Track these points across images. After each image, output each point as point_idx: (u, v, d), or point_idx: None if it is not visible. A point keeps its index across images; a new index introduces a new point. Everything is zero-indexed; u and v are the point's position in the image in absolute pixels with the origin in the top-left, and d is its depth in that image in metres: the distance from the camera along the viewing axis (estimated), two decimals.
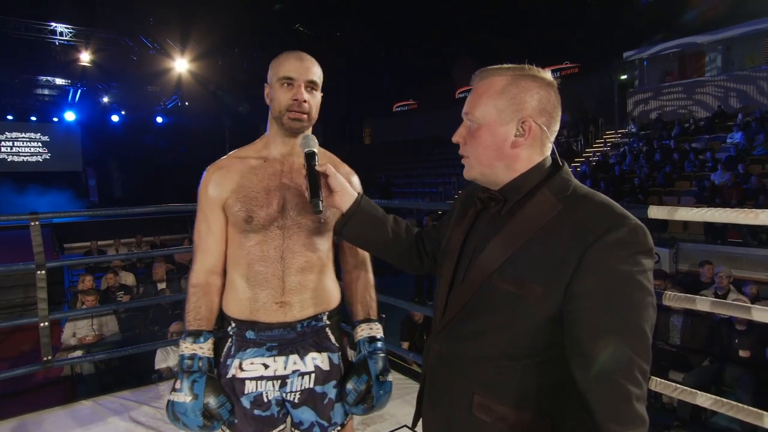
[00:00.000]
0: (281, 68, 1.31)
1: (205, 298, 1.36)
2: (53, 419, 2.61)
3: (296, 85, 1.30)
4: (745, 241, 8.90)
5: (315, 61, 1.35)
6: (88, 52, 17.05)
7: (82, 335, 5.29)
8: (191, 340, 1.31)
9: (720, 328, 4.48)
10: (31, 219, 2.57)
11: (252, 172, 1.34)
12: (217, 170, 1.36)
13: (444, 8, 18.14)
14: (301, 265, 1.34)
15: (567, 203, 0.90)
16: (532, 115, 0.93)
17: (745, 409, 1.45)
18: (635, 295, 0.82)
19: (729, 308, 1.60)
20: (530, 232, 0.90)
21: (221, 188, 1.34)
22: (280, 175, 1.35)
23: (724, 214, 1.43)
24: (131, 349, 3.19)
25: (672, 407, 4.41)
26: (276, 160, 1.37)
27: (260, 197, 1.31)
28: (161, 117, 20.83)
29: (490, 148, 0.95)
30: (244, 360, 1.33)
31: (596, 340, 0.81)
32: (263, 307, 1.32)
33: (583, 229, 0.85)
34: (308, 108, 1.32)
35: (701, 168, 11.84)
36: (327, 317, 1.40)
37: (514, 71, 0.95)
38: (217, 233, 1.36)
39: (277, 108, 1.32)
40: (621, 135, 16.67)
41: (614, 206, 0.88)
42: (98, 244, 10.23)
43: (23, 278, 6.34)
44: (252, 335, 1.33)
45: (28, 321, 2.75)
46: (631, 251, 0.82)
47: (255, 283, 1.32)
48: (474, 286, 0.95)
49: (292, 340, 1.34)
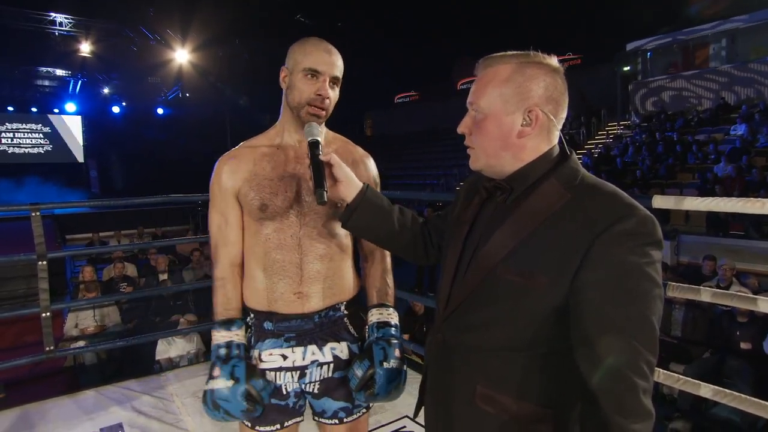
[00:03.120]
0: (308, 58, 1.25)
1: (234, 289, 1.35)
2: (56, 408, 2.62)
3: (321, 80, 1.25)
4: (747, 233, 8.88)
5: (339, 54, 1.31)
6: (88, 42, 16.97)
7: (85, 326, 5.31)
8: (225, 329, 1.30)
9: (721, 320, 4.49)
10: (32, 210, 2.57)
11: (265, 159, 1.32)
12: (229, 160, 1.34)
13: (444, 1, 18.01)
14: (320, 252, 1.32)
15: (575, 193, 0.88)
16: (539, 104, 0.91)
17: (748, 399, 1.45)
18: (643, 287, 0.80)
19: (733, 299, 1.60)
20: (537, 222, 0.88)
21: (234, 178, 1.32)
22: (295, 162, 1.33)
23: (729, 204, 1.42)
24: (133, 339, 3.20)
25: (672, 398, 4.42)
26: (290, 147, 1.34)
27: (274, 184, 1.29)
28: (162, 108, 20.79)
29: (497, 138, 0.93)
30: (263, 351, 1.33)
31: (603, 332, 0.80)
32: (281, 297, 1.31)
33: (591, 220, 0.83)
34: (329, 104, 1.29)
35: (704, 160, 11.80)
36: (345, 307, 1.38)
37: (519, 58, 0.93)
38: (234, 224, 1.35)
39: (296, 98, 1.27)
40: (624, 127, 16.60)
41: (623, 196, 0.86)
42: (100, 235, 10.25)
43: (25, 269, 6.36)
44: (270, 326, 1.32)
45: (30, 311, 2.76)
46: (640, 242, 0.81)
47: (272, 272, 1.31)
48: (478, 277, 0.93)
49: (310, 330, 1.33)
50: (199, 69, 19.11)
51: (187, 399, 2.74)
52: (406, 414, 2.47)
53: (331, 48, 1.29)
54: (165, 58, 18.55)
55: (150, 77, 19.73)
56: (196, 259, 6.98)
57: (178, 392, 2.82)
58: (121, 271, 6.62)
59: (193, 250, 7.18)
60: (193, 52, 18.36)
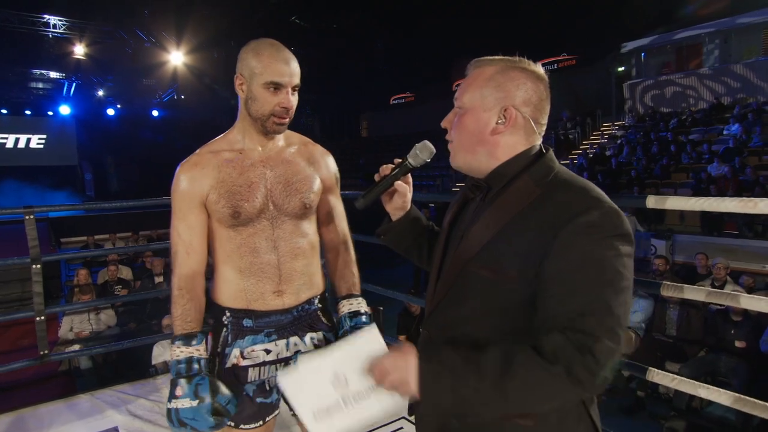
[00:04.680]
0: (267, 71, 1.24)
1: (193, 300, 1.31)
2: (51, 413, 2.60)
3: (284, 92, 1.26)
4: (741, 232, 8.93)
5: (295, 58, 1.29)
6: (82, 44, 16.88)
7: (80, 330, 5.29)
8: (184, 344, 1.26)
9: (715, 319, 4.51)
10: (26, 213, 2.55)
11: (229, 165, 1.32)
12: (192, 167, 1.32)
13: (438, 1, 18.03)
14: (294, 252, 1.35)
15: (545, 189, 0.89)
16: (516, 105, 0.93)
17: (742, 398, 1.46)
18: (606, 277, 0.81)
19: (726, 298, 1.61)
20: (507, 218, 0.90)
21: (198, 185, 1.30)
22: (261, 165, 1.33)
23: (723, 203, 1.43)
24: (128, 343, 3.18)
25: (668, 398, 4.44)
26: (253, 150, 1.35)
27: (243, 191, 1.30)
28: (157, 110, 20.70)
29: (472, 132, 0.96)
30: (244, 348, 1.34)
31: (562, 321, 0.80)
32: (261, 297, 1.33)
33: (557, 213, 0.85)
34: (292, 112, 1.30)
35: (698, 160, 11.86)
36: (318, 300, 1.44)
37: (506, 62, 0.96)
38: (199, 232, 1.33)
39: (259, 110, 1.28)
40: (618, 127, 16.65)
41: (591, 190, 0.87)
42: (95, 238, 10.19)
43: (20, 273, 6.32)
44: (249, 323, 1.34)
45: (24, 315, 2.74)
46: (604, 234, 0.82)
47: (250, 273, 1.32)
48: (453, 274, 0.97)
49: (288, 324, 1.37)
50: (194, 71, 19.05)
51: None
52: (403, 415, 2.47)
53: (287, 56, 1.27)
54: (160, 60, 18.47)
55: (145, 79, 19.64)
56: None
57: None
58: (116, 274, 6.59)
59: None
60: (188, 54, 18.29)
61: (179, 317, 1.30)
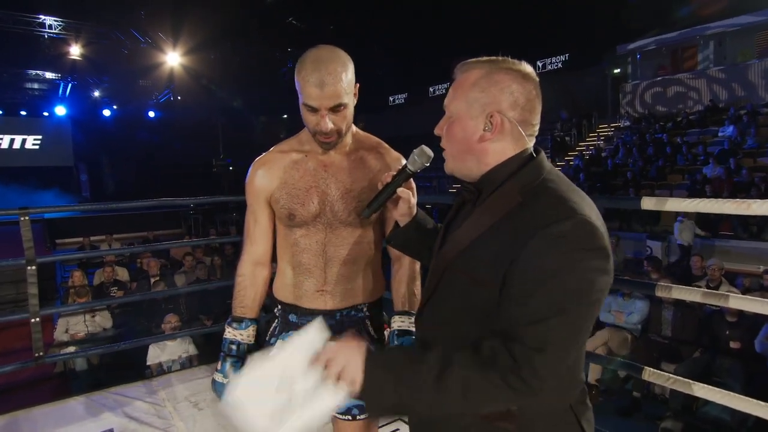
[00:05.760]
0: (303, 92, 1.21)
1: (251, 287, 1.43)
2: (46, 415, 2.59)
3: (320, 115, 1.22)
4: (736, 233, 8.98)
5: (340, 75, 1.19)
6: (78, 45, 16.78)
7: (75, 331, 5.26)
8: (234, 326, 1.41)
9: (711, 319, 4.53)
10: (21, 214, 2.54)
11: (294, 167, 1.36)
12: (262, 165, 1.39)
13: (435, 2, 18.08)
14: (343, 258, 1.37)
15: (527, 196, 0.89)
16: (502, 110, 0.91)
17: (738, 397, 1.46)
18: (566, 289, 0.81)
19: (719, 299, 1.62)
20: (487, 223, 0.90)
21: (266, 182, 1.37)
22: (322, 170, 1.36)
23: (716, 205, 1.43)
24: (124, 344, 3.17)
25: (664, 398, 4.45)
26: (318, 153, 1.37)
27: (301, 194, 1.34)
28: (153, 111, 20.62)
29: (461, 141, 0.96)
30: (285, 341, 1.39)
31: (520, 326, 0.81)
32: (305, 294, 1.39)
33: (531, 221, 0.84)
34: (335, 130, 1.26)
35: (693, 161, 11.92)
36: (367, 308, 1.44)
37: (491, 64, 0.94)
38: (263, 225, 1.42)
39: (307, 126, 1.30)
40: (614, 129, 16.72)
41: (569, 200, 0.86)
42: (91, 239, 10.15)
43: (15, 274, 6.29)
44: (294, 318, 1.40)
45: (19, 317, 2.73)
46: (573, 246, 0.81)
47: (299, 271, 1.39)
48: (437, 276, 0.98)
49: (331, 327, 1.36)
50: (190, 72, 18.99)
51: (179, 404, 2.72)
52: (399, 417, 2.47)
53: (322, 77, 1.17)
54: (156, 61, 18.39)
55: (141, 80, 19.54)
56: (188, 264, 6.93)
57: (170, 397, 2.80)
58: (112, 275, 6.57)
59: (185, 254, 7.14)
60: (184, 54, 18.24)
61: (236, 300, 1.43)
